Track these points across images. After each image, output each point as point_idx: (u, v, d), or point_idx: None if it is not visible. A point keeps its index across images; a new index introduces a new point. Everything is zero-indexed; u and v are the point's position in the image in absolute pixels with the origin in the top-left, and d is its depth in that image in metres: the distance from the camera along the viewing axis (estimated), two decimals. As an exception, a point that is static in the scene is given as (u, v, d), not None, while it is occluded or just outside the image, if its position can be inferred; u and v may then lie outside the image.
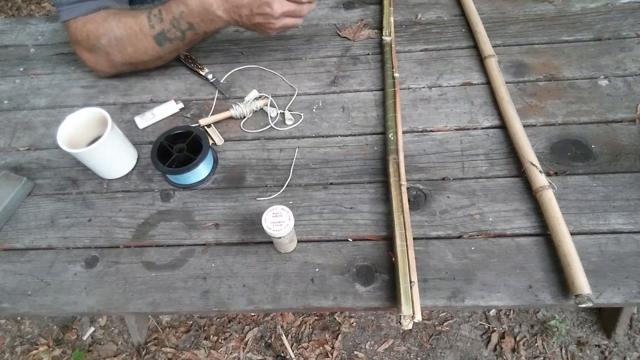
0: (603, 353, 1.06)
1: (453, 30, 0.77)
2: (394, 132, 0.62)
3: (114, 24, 0.65)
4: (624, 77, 0.67)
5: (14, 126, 0.72)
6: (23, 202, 0.62)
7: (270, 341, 1.15)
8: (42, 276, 0.55)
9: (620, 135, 0.60)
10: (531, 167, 0.55)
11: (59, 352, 1.16)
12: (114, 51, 0.67)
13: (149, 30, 0.64)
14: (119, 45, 0.66)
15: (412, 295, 0.47)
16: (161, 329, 1.18)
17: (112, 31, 0.65)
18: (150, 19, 0.63)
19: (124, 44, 0.66)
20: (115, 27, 0.65)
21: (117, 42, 0.66)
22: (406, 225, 0.52)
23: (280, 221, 0.48)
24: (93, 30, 0.66)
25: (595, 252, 0.51)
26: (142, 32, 0.64)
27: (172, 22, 0.63)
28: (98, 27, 0.65)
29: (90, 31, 0.66)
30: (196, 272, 0.54)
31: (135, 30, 0.64)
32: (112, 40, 0.66)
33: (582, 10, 0.77)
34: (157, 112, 0.69)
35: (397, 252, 0.50)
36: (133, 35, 0.65)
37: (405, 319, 0.46)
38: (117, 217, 0.59)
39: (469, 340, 1.11)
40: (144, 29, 0.64)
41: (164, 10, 0.63)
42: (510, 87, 0.67)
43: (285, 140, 0.65)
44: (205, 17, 0.62)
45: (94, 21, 0.66)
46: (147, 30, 0.64)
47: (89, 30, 0.66)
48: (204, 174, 0.61)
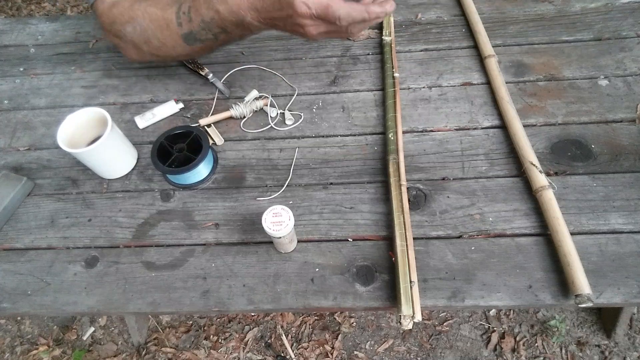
0: (603, 353, 1.06)
1: (453, 30, 0.77)
2: (394, 132, 0.62)
3: (139, 12, 0.60)
4: (624, 77, 0.67)
5: (14, 126, 0.72)
6: (23, 202, 0.62)
7: (270, 341, 1.15)
8: (42, 276, 0.55)
9: (620, 135, 0.60)
10: (531, 167, 0.55)
11: (59, 352, 1.16)
12: (140, 41, 0.63)
13: (177, 29, 0.59)
14: (145, 36, 0.62)
15: (412, 295, 0.47)
16: (161, 329, 1.18)
17: (137, 20, 0.60)
18: (178, 16, 0.58)
19: (149, 37, 0.61)
20: (141, 17, 0.60)
21: (142, 33, 0.61)
22: (406, 225, 0.52)
23: (280, 221, 0.48)
24: (118, 16, 0.62)
25: (595, 252, 0.51)
26: (169, 29, 0.60)
27: (201, 25, 0.58)
28: (123, 13, 0.61)
29: (116, 17, 0.62)
30: (196, 272, 0.54)
31: (161, 24, 0.60)
32: (137, 29, 0.61)
33: (582, 10, 0.77)
34: (157, 112, 0.69)
35: (397, 252, 0.50)
36: (159, 30, 0.60)
37: (405, 319, 0.46)
38: (117, 217, 0.59)
39: (469, 340, 1.11)
40: (171, 25, 0.59)
41: (193, 11, 0.58)
42: (510, 87, 0.67)
43: (285, 140, 0.65)
44: (239, 25, 0.57)
45: (119, 5, 0.62)
46: (174, 28, 0.59)
47: (114, 15, 0.62)
48: (204, 174, 0.61)
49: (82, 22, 0.88)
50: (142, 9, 0.60)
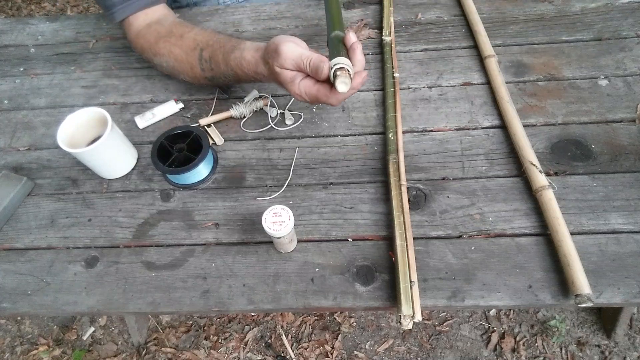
0: (603, 353, 1.06)
1: (453, 30, 0.77)
2: (394, 132, 0.62)
3: (164, 51, 0.65)
4: (624, 77, 0.67)
5: (14, 126, 0.72)
6: (23, 202, 0.62)
7: (270, 341, 1.15)
8: (42, 276, 0.55)
9: (620, 135, 0.60)
10: (531, 167, 0.55)
11: (59, 352, 1.16)
12: (169, 72, 0.68)
13: (200, 72, 0.64)
14: (172, 71, 0.67)
15: (412, 295, 0.47)
16: (161, 329, 1.18)
17: (163, 57, 0.66)
18: (201, 63, 0.63)
19: (177, 72, 0.67)
20: (166, 56, 0.65)
21: (169, 68, 0.67)
22: (406, 225, 0.52)
23: (280, 221, 0.48)
24: (145, 48, 0.68)
25: (595, 252, 0.51)
26: (193, 71, 0.65)
27: (222, 75, 0.62)
28: (151, 47, 0.67)
29: (144, 48, 0.68)
30: (196, 272, 0.54)
31: (186, 66, 0.65)
32: (163, 64, 0.67)
33: (582, 10, 0.77)
34: (157, 112, 0.69)
35: (397, 252, 0.50)
36: (185, 70, 0.65)
37: (405, 319, 0.46)
38: (117, 217, 0.59)
39: (469, 340, 1.11)
40: (195, 69, 0.64)
41: (213, 62, 0.61)
42: (510, 87, 0.67)
43: (285, 140, 0.65)
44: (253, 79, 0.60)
45: (145, 40, 0.67)
46: (197, 71, 0.64)
47: (142, 46, 0.68)
48: (204, 173, 0.61)
49: (82, 22, 0.88)
50: (167, 49, 0.65)
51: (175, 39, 0.65)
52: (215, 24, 0.83)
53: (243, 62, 0.57)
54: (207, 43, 0.62)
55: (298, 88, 0.53)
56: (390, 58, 0.71)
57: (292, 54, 0.51)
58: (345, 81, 0.48)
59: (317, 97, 0.53)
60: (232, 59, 0.59)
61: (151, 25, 0.67)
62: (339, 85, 0.48)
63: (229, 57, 0.59)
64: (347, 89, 0.49)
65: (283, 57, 0.51)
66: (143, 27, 0.67)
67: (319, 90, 0.52)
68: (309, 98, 0.53)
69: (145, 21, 0.68)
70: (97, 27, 0.86)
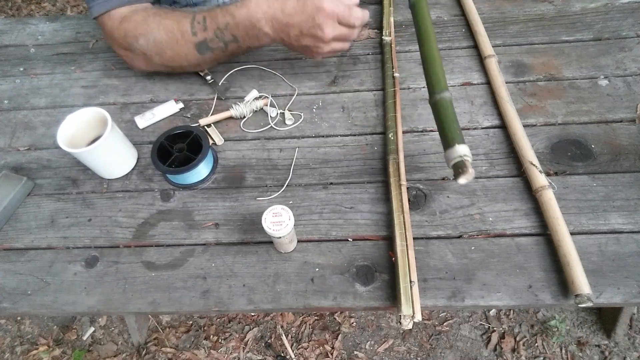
0: (603, 353, 1.06)
1: (453, 30, 0.77)
2: (394, 132, 0.62)
3: (154, 25, 0.63)
4: (624, 77, 0.67)
5: (14, 126, 0.72)
6: (23, 202, 0.62)
7: (270, 341, 1.15)
8: (42, 276, 0.55)
9: (620, 135, 0.60)
10: (531, 167, 0.55)
11: (59, 352, 1.16)
12: (152, 53, 0.65)
13: (191, 38, 0.62)
14: (158, 48, 0.64)
15: (412, 295, 0.47)
16: (161, 329, 1.18)
17: (152, 33, 0.63)
18: (193, 26, 0.61)
19: (163, 48, 0.64)
20: (155, 30, 0.63)
21: (155, 45, 0.64)
22: (406, 225, 0.52)
23: (280, 221, 0.48)
24: (131, 29, 0.64)
25: (595, 252, 0.51)
26: (184, 39, 0.62)
27: (215, 33, 0.61)
28: (137, 27, 0.64)
29: (128, 30, 0.64)
30: (196, 272, 0.54)
31: (176, 35, 0.62)
32: (150, 42, 0.64)
33: (582, 10, 0.77)
34: (157, 112, 0.69)
35: (397, 252, 0.50)
36: (173, 41, 0.63)
37: (405, 319, 0.46)
38: (117, 217, 0.59)
39: (469, 340, 1.11)
40: (185, 35, 0.62)
41: (208, 19, 0.61)
42: (510, 87, 0.67)
43: (285, 140, 0.65)
44: (250, 32, 0.60)
45: (132, 21, 0.64)
46: (189, 37, 0.62)
47: (126, 29, 0.64)
48: (204, 173, 0.61)
49: (82, 22, 0.88)
50: (156, 22, 0.63)
51: (166, 12, 0.64)
52: (215, 24, 0.83)
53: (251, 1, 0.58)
54: (202, 9, 0.63)
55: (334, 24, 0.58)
56: (390, 58, 0.71)
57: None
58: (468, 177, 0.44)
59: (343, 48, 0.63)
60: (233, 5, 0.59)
61: (138, 9, 0.65)
62: (461, 180, 0.45)
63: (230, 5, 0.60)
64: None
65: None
66: (128, 13, 0.65)
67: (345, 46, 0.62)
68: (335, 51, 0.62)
69: (129, 9, 0.66)
70: (97, 27, 0.86)
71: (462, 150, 0.45)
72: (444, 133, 0.47)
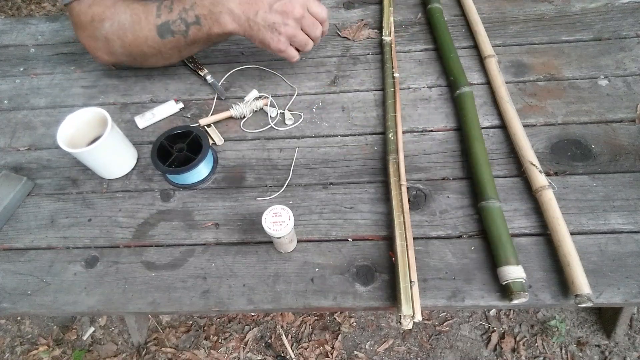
0: (603, 353, 1.06)
1: (453, 30, 0.76)
2: (394, 132, 0.62)
3: (122, 8, 0.62)
4: (624, 77, 0.67)
5: (14, 126, 0.72)
6: (23, 202, 0.62)
7: (270, 341, 1.15)
8: (42, 276, 0.55)
9: (620, 135, 0.60)
10: (531, 167, 0.55)
11: (59, 352, 1.16)
12: (114, 37, 0.64)
13: (154, 20, 0.61)
14: (120, 31, 0.63)
15: (412, 294, 0.47)
16: (161, 329, 1.18)
17: (118, 16, 0.62)
18: (159, 8, 0.61)
19: (125, 31, 0.63)
20: (122, 13, 0.62)
21: (119, 28, 0.63)
22: (406, 225, 0.52)
23: (280, 221, 0.48)
24: (99, 13, 0.63)
25: (595, 252, 0.51)
26: (147, 20, 0.62)
27: (180, 14, 0.61)
28: (105, 11, 0.63)
29: (96, 14, 0.63)
30: (196, 272, 0.54)
31: (140, 17, 0.62)
32: (114, 25, 0.63)
33: (582, 10, 0.77)
34: (157, 112, 0.69)
35: (397, 252, 0.50)
36: (136, 22, 0.62)
37: (405, 319, 0.46)
38: (117, 217, 0.59)
39: (469, 340, 1.11)
40: (149, 17, 0.61)
41: (176, 1, 0.61)
42: (510, 87, 0.67)
43: (285, 140, 0.65)
44: (214, 9, 0.59)
45: (101, 4, 0.63)
46: (152, 18, 0.61)
47: (94, 12, 0.63)
48: (204, 173, 0.61)
49: (82, 22, 0.88)
50: (125, 5, 0.63)
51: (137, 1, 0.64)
52: (215, 24, 0.83)
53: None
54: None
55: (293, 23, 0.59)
56: (390, 58, 0.71)
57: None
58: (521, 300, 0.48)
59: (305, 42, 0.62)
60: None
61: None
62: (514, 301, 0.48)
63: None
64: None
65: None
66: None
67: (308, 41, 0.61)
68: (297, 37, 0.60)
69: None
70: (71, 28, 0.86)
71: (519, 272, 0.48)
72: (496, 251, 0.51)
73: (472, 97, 0.63)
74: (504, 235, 0.50)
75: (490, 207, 0.52)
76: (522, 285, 0.47)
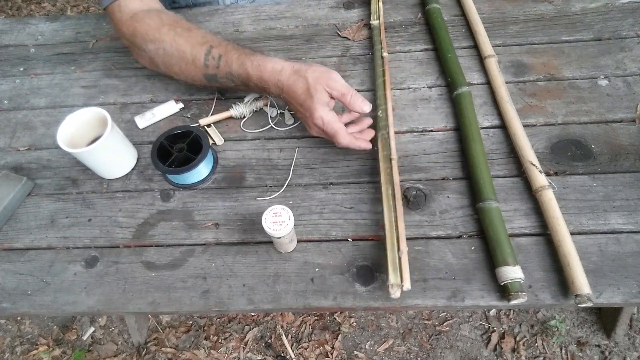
0: (603, 353, 1.06)
1: (453, 30, 0.76)
2: (383, 109, 0.62)
3: (167, 38, 0.62)
4: (624, 77, 0.67)
5: (14, 126, 0.72)
6: (23, 202, 0.62)
7: (270, 341, 1.15)
8: (42, 276, 0.55)
9: (620, 135, 0.60)
10: (531, 167, 0.55)
11: (59, 352, 1.16)
12: (159, 61, 0.65)
13: (202, 67, 0.62)
14: (166, 60, 0.64)
15: (401, 263, 0.47)
16: (161, 329, 1.18)
17: (163, 43, 0.62)
18: (207, 59, 0.61)
19: (172, 63, 0.64)
20: (168, 44, 0.62)
21: (164, 56, 0.63)
22: (395, 197, 0.53)
23: (280, 221, 0.48)
24: (141, 32, 0.63)
25: (595, 252, 0.51)
26: (194, 64, 0.62)
27: (227, 75, 0.61)
28: (148, 31, 0.63)
29: (138, 31, 0.63)
30: (196, 272, 0.54)
31: (187, 58, 0.62)
32: (160, 51, 0.63)
33: (582, 10, 0.77)
34: (157, 112, 0.69)
35: (385, 222, 0.50)
36: (183, 61, 0.62)
37: (393, 288, 0.46)
38: (117, 217, 0.59)
39: (469, 340, 1.11)
40: (197, 62, 0.62)
41: (223, 61, 0.60)
42: (510, 87, 0.67)
43: (285, 140, 0.65)
44: (261, 89, 0.61)
45: (144, 23, 0.63)
46: (200, 65, 0.62)
47: (136, 29, 0.64)
48: (204, 173, 0.61)
49: (82, 22, 0.88)
50: (170, 36, 0.62)
51: (182, 30, 0.63)
52: (215, 24, 0.83)
53: (267, 65, 0.58)
54: (220, 43, 0.62)
55: (326, 112, 0.55)
56: (379, 40, 0.72)
57: (342, 81, 0.56)
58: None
59: (335, 129, 0.56)
60: (251, 60, 0.59)
61: (151, 11, 0.65)
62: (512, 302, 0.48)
63: (247, 58, 0.59)
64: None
65: (334, 79, 0.56)
66: (140, 11, 0.64)
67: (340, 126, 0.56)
68: (330, 127, 0.56)
69: (141, 7, 0.65)
70: (97, 27, 0.86)
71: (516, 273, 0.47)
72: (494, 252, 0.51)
73: (470, 97, 0.63)
74: (502, 236, 0.50)
75: (488, 208, 0.52)
76: (520, 286, 0.47)
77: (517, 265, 0.48)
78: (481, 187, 0.54)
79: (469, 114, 0.61)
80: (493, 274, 0.50)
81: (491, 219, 0.52)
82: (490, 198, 0.53)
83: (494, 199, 0.53)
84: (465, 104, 0.63)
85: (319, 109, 0.55)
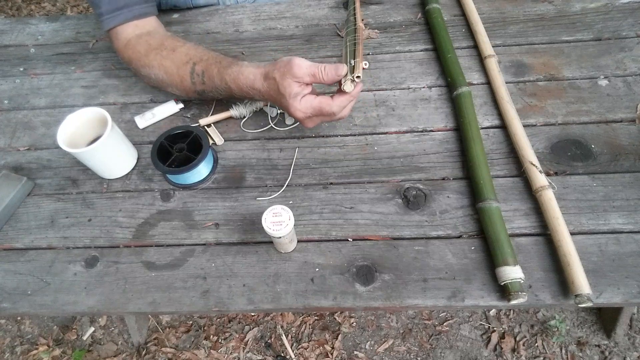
0: (603, 353, 1.06)
1: (453, 30, 0.77)
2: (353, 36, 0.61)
3: (155, 62, 0.65)
4: (624, 77, 0.67)
5: (14, 126, 0.72)
6: (23, 202, 0.62)
7: (270, 341, 1.15)
8: (42, 276, 0.55)
9: (620, 135, 0.60)
10: (531, 167, 0.55)
11: (59, 352, 1.16)
12: (155, 84, 0.69)
13: (190, 85, 0.64)
14: (159, 83, 0.67)
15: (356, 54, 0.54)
16: (161, 329, 1.18)
17: (153, 69, 0.65)
18: (192, 77, 0.63)
19: (165, 85, 0.67)
20: (156, 68, 0.65)
21: (157, 80, 0.67)
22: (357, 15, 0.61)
23: (280, 221, 0.48)
24: (134, 59, 0.67)
25: (595, 252, 0.51)
26: (182, 84, 0.64)
27: (213, 89, 0.63)
28: (140, 58, 0.66)
29: (132, 59, 0.67)
30: (196, 272, 0.54)
31: (175, 79, 0.64)
32: (152, 76, 0.66)
33: (582, 10, 0.77)
34: (157, 112, 0.69)
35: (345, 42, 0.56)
36: (173, 83, 0.65)
37: (346, 82, 0.52)
38: (117, 217, 0.59)
39: (469, 340, 1.11)
40: (184, 82, 0.64)
41: (206, 76, 0.62)
42: (510, 87, 0.67)
43: (285, 140, 0.65)
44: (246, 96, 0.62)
45: (135, 50, 0.66)
46: (188, 84, 0.64)
47: (130, 57, 0.67)
48: (204, 173, 0.61)
49: (82, 22, 0.88)
50: (157, 61, 0.65)
51: (167, 52, 0.64)
52: (215, 24, 0.83)
53: (241, 77, 0.59)
54: (201, 58, 0.63)
55: (299, 103, 0.55)
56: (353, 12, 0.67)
57: (307, 63, 0.54)
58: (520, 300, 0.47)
59: (320, 107, 0.55)
60: (228, 74, 0.60)
61: (141, 37, 0.67)
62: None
63: (224, 71, 0.60)
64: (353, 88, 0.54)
65: (298, 66, 0.53)
66: (132, 38, 0.67)
67: (321, 101, 0.55)
68: (311, 110, 0.56)
69: (134, 32, 0.67)
70: (97, 27, 0.86)
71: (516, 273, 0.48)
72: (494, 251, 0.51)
73: (470, 97, 0.63)
74: (502, 235, 0.50)
75: (488, 208, 0.52)
76: (520, 286, 0.47)
77: (517, 265, 0.48)
78: (481, 187, 0.54)
79: (469, 114, 0.61)
80: (493, 274, 0.50)
81: (491, 219, 0.52)
82: (490, 198, 0.53)
83: (494, 199, 0.53)
84: (465, 104, 0.63)
85: (293, 103, 0.55)
